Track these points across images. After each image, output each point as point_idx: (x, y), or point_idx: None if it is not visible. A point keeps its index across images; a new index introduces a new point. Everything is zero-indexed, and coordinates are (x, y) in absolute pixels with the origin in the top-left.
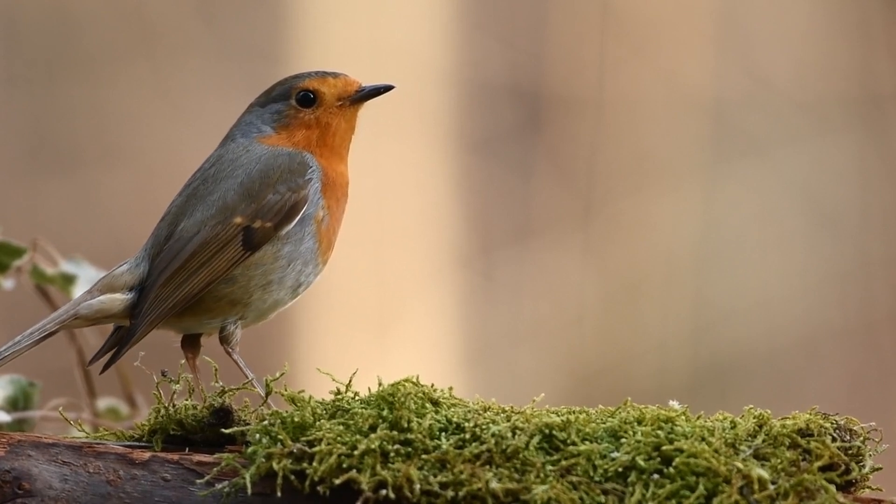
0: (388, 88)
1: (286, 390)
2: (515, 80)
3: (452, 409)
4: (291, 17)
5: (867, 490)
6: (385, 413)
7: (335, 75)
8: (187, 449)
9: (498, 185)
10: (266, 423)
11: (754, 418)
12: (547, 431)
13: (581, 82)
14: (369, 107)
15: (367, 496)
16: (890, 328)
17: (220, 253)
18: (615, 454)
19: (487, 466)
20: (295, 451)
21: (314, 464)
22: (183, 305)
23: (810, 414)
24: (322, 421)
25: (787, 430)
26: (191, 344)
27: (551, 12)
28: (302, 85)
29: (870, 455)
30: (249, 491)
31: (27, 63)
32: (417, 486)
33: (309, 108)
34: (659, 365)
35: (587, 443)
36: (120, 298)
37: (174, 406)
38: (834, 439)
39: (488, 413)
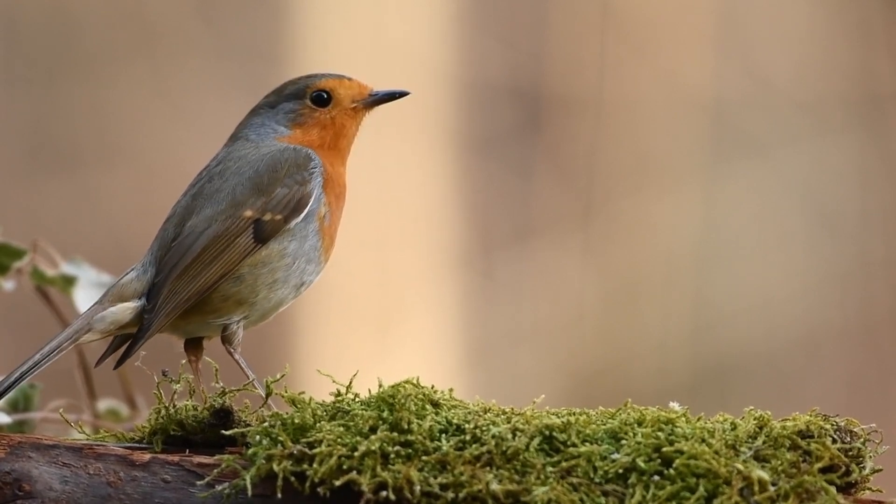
0: (402, 94)
1: (286, 392)
2: (515, 80)
3: (453, 411)
4: (291, 17)
5: (867, 492)
6: (385, 414)
7: (349, 78)
8: (187, 450)
9: (498, 185)
10: (266, 424)
11: (755, 420)
12: (547, 433)
13: (581, 82)
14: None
15: (367, 498)
16: (890, 328)
17: (232, 246)
18: (615, 455)
19: (488, 468)
20: (295, 452)
21: (314, 465)
22: (196, 299)
23: (810, 415)
24: (322, 422)
25: (788, 431)
26: (194, 346)
27: (551, 12)
28: (318, 84)
29: (870, 456)
30: (250, 492)
31: (27, 63)
32: (418, 488)
33: (324, 107)
34: (659, 365)
35: (587, 444)
36: (132, 307)
37: (175, 407)
38: (834, 441)
39: (489, 414)
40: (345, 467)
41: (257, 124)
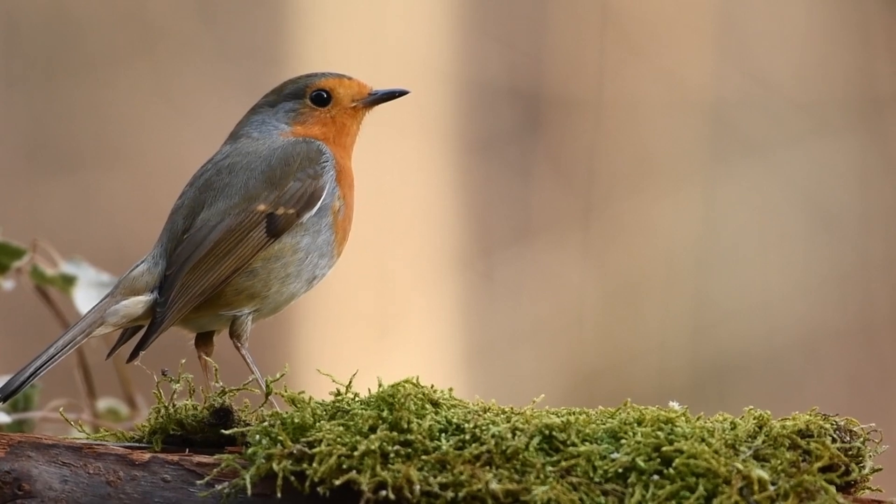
0: (402, 93)
1: (286, 391)
2: (515, 80)
3: (452, 410)
4: (291, 17)
5: (867, 491)
6: (385, 414)
7: (349, 77)
8: (187, 450)
9: (498, 186)
10: (266, 423)
11: (754, 419)
12: (547, 432)
13: (581, 83)
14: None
15: (367, 497)
16: (890, 328)
17: (245, 240)
18: (615, 455)
19: (487, 467)
20: (295, 451)
21: (314, 465)
22: (210, 293)
23: (810, 415)
24: (322, 422)
25: (787, 430)
26: (204, 341)
27: (551, 13)
28: (317, 84)
29: (870, 456)
30: (249, 492)
31: (27, 64)
32: (417, 487)
33: (323, 107)
34: (659, 365)
35: (587, 444)
36: (143, 300)
37: (174, 406)
38: (834, 440)
39: (488, 414)
40: (344, 467)
41: (258, 122)
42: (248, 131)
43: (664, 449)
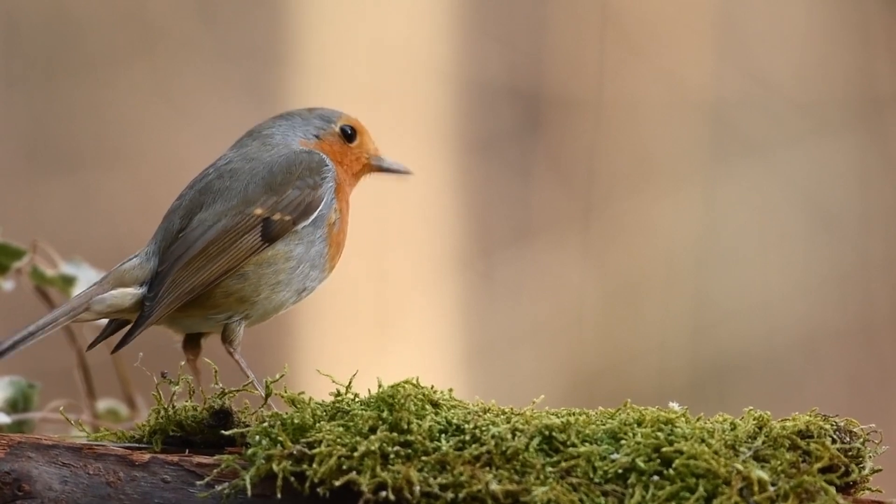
0: (405, 172)
1: (286, 392)
2: (515, 80)
3: (452, 411)
4: (291, 17)
5: (867, 492)
6: (385, 415)
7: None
8: (187, 450)
9: (498, 186)
10: (266, 424)
11: (754, 420)
12: (547, 433)
13: (581, 83)
14: (368, 107)
15: (367, 498)
16: (890, 328)
17: (239, 242)
18: (615, 456)
19: (487, 468)
20: (295, 452)
21: (314, 465)
22: (199, 291)
23: (810, 415)
24: (322, 422)
25: (787, 431)
26: (192, 345)
27: (551, 13)
28: (350, 119)
29: (870, 456)
30: (249, 493)
31: (27, 64)
32: (417, 488)
33: (347, 142)
34: (659, 365)
35: (587, 444)
36: (132, 293)
37: (174, 407)
38: (834, 441)
39: (488, 415)
40: (344, 467)
41: (287, 126)
42: (272, 132)
43: (664, 450)
